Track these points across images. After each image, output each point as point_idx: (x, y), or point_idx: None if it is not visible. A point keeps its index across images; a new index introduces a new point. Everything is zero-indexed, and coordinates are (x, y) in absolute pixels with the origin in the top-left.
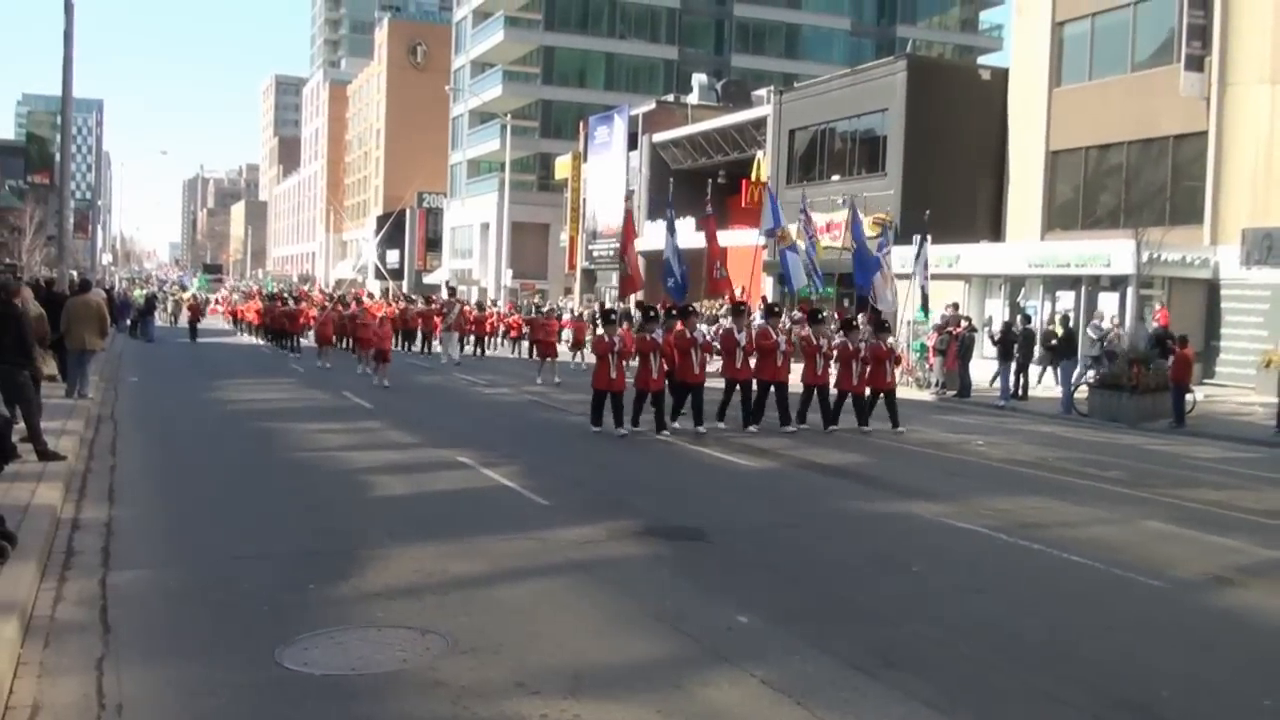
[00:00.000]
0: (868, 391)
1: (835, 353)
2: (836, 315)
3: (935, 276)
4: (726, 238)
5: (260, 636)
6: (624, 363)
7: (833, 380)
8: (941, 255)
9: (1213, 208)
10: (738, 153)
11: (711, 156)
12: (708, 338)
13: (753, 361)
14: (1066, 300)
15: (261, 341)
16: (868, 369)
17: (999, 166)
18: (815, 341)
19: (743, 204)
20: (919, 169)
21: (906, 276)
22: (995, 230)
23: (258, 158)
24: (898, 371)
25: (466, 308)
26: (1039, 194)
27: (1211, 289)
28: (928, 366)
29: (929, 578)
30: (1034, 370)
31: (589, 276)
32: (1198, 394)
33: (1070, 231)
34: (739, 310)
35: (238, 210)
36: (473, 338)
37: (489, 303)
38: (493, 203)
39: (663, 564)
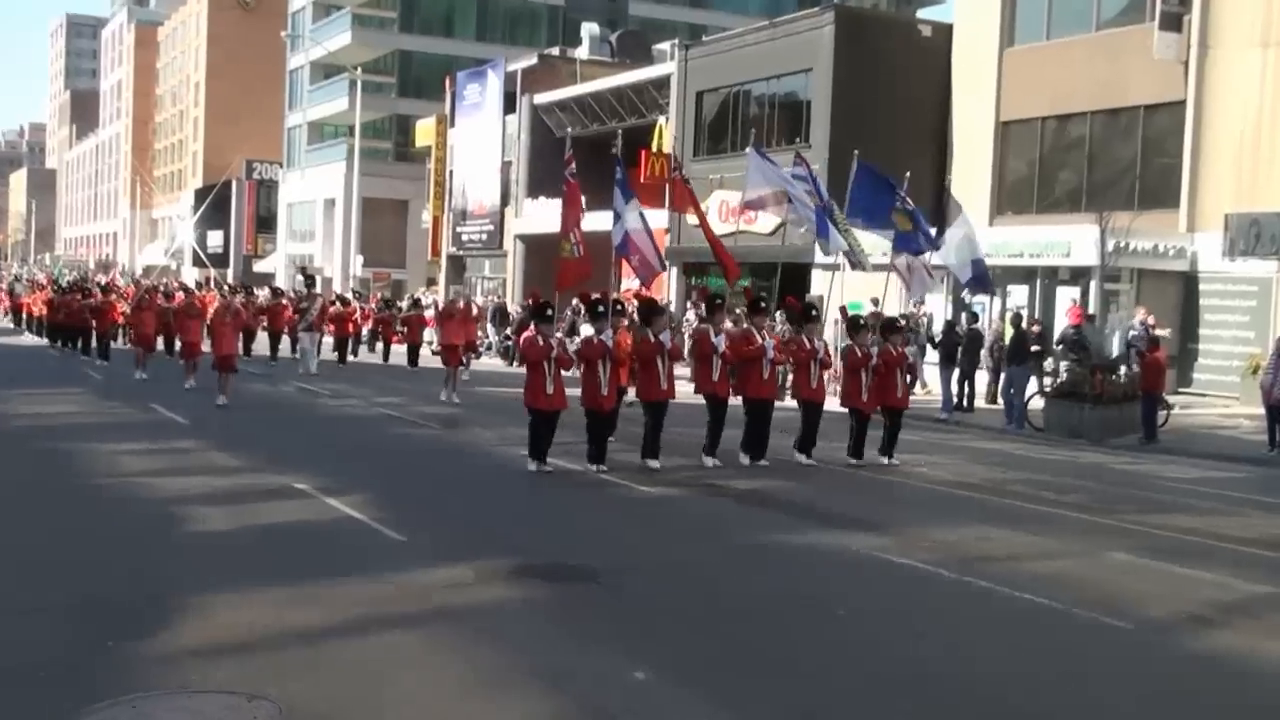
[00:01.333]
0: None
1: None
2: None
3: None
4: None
5: (44, 706)
6: (561, 373)
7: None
8: (875, 243)
9: (1190, 189)
10: (636, 118)
11: (605, 122)
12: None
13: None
14: (1019, 295)
15: (50, 342)
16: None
17: (941, 139)
18: (809, 344)
19: (642, 179)
20: (848, 140)
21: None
22: (937, 213)
23: (44, 115)
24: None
25: (326, 302)
26: (988, 171)
27: (1188, 283)
28: None
29: (859, 623)
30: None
31: (456, 264)
32: (1172, 404)
33: (1024, 215)
34: (715, 305)
35: (18, 179)
36: (332, 339)
37: (351, 295)
38: (339, 174)
39: (542, 610)
